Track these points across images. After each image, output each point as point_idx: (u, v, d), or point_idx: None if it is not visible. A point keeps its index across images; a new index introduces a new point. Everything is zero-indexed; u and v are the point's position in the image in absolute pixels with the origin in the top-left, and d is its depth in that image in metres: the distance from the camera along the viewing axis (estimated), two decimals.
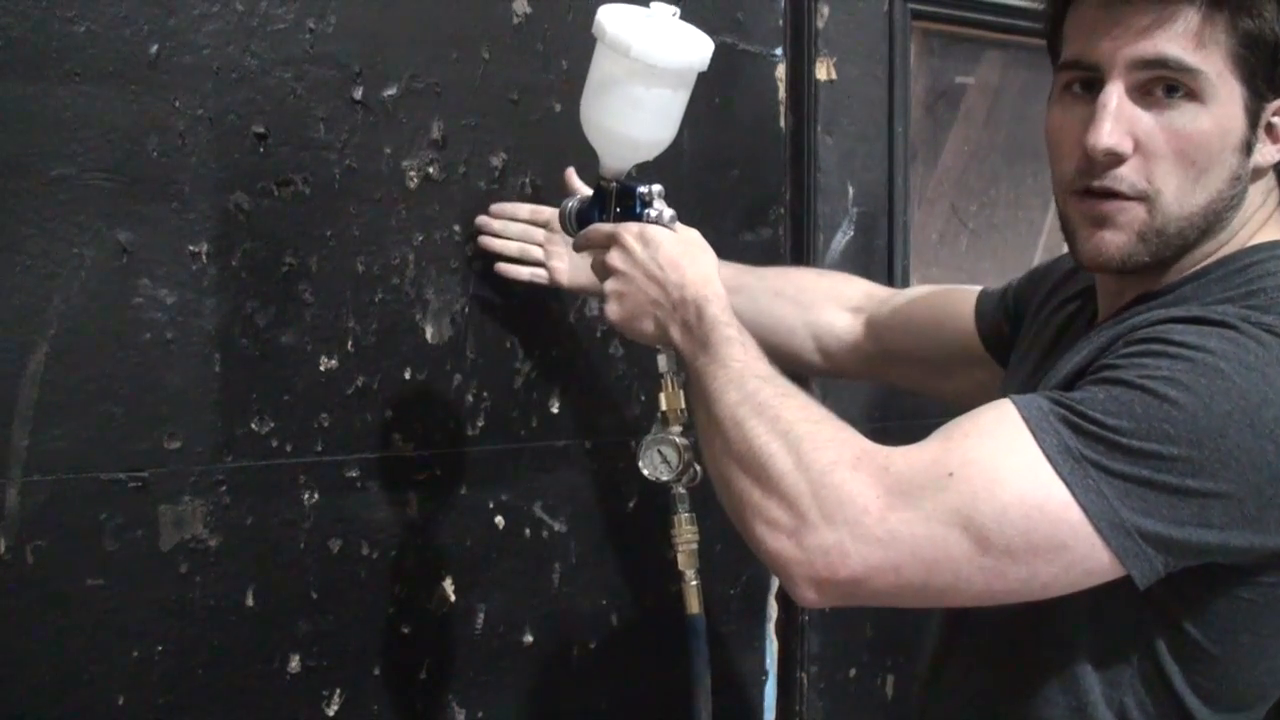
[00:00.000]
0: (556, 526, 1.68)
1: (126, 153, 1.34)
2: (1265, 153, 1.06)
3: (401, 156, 1.52)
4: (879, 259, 2.00)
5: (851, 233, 1.96)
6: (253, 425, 1.44)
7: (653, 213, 1.26)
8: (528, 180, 1.61)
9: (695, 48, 1.25)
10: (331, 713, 1.50)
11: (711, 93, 1.80)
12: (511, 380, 1.63)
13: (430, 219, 1.55)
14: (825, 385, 1.93)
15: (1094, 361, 1.03)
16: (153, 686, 1.38)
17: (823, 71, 1.90)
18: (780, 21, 1.88)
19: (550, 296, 1.63)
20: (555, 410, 1.67)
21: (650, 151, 1.30)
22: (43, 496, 1.31)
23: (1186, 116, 1.03)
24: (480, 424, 1.60)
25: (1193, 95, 1.02)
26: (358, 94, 1.48)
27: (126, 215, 1.34)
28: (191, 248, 1.39)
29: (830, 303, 1.56)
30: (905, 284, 2.02)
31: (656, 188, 1.27)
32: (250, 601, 1.44)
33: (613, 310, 1.24)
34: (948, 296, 1.48)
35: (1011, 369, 1.29)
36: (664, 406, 1.29)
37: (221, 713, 1.43)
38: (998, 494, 0.96)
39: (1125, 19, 1.03)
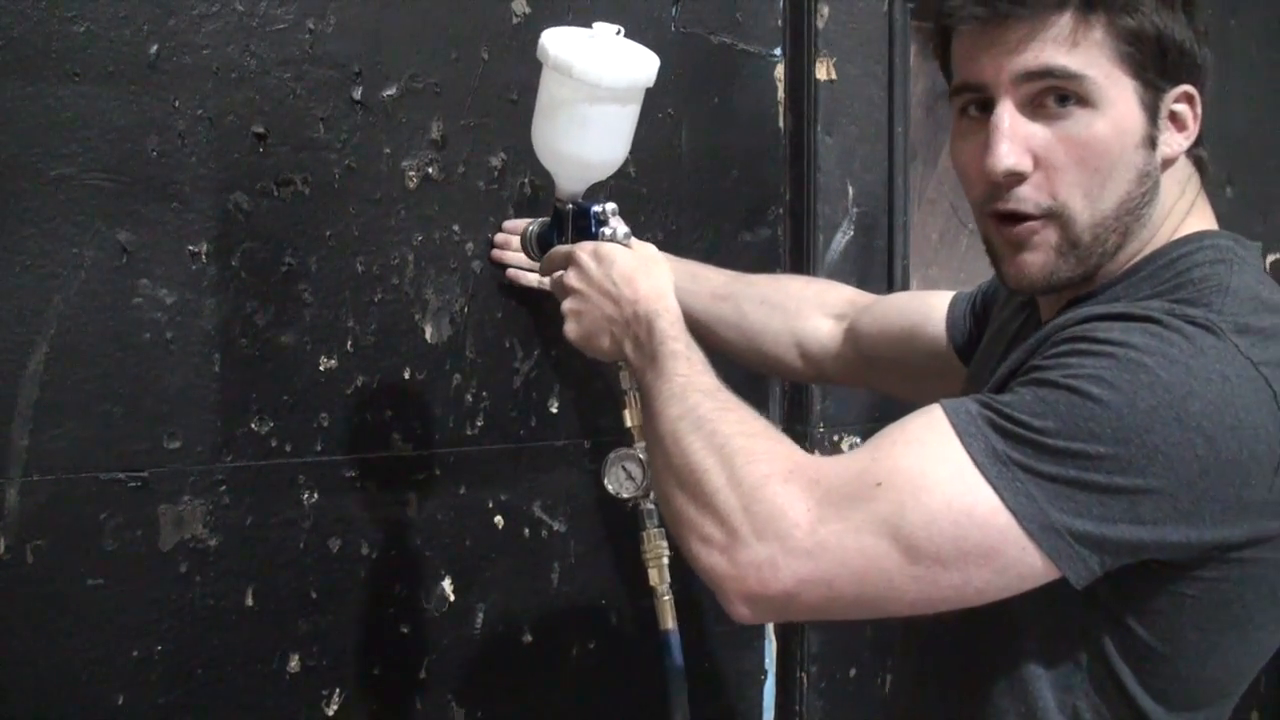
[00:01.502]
0: (556, 526, 1.68)
1: (126, 153, 1.34)
2: (1171, 142, 1.05)
3: (401, 156, 1.52)
4: (879, 259, 2.00)
5: (851, 233, 1.96)
6: (252, 425, 1.44)
7: (608, 230, 1.27)
8: (526, 180, 1.61)
9: (639, 65, 1.25)
10: (331, 712, 1.50)
11: (711, 93, 1.80)
12: (511, 380, 1.63)
13: (430, 219, 1.55)
14: (825, 386, 1.93)
15: (1025, 363, 1.02)
16: (153, 686, 1.38)
17: (823, 71, 1.90)
18: (779, 21, 1.88)
19: (549, 297, 1.63)
20: (555, 410, 1.67)
21: (603, 171, 1.30)
22: (43, 496, 1.31)
23: (1081, 124, 1.02)
24: (479, 424, 1.61)
25: (1084, 101, 1.02)
26: (357, 94, 1.48)
27: (126, 215, 1.34)
28: (191, 248, 1.39)
29: (815, 310, 1.56)
30: (905, 284, 2.02)
31: (610, 206, 1.28)
32: (250, 601, 1.44)
33: (571, 329, 1.25)
34: (922, 302, 1.47)
35: (971, 372, 1.28)
36: (628, 423, 1.30)
37: (221, 713, 1.43)
38: (925, 502, 0.95)
39: (1002, 35, 1.03)
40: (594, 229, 1.28)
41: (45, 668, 1.32)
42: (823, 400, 1.93)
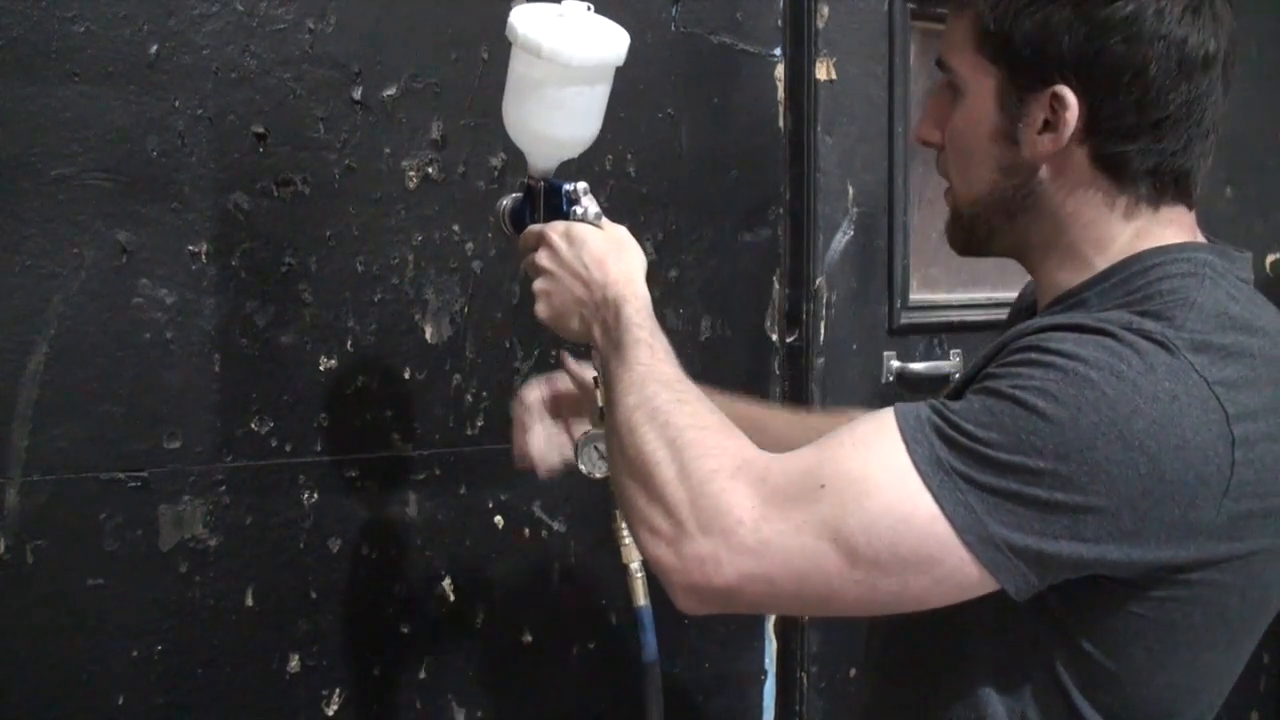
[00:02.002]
0: (555, 526, 1.68)
1: (126, 153, 1.34)
2: (1035, 142, 1.04)
3: (401, 156, 1.52)
4: (879, 259, 2.00)
5: (851, 233, 1.96)
6: (252, 425, 1.44)
7: (579, 210, 1.26)
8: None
9: (609, 43, 1.24)
10: (331, 712, 1.50)
11: (711, 93, 1.80)
12: (511, 380, 1.63)
13: (430, 219, 1.55)
14: (825, 386, 1.93)
15: (982, 369, 1.02)
16: (153, 686, 1.38)
17: (823, 71, 1.90)
18: (779, 21, 1.88)
19: None
20: None
21: (574, 149, 1.29)
22: (43, 496, 1.31)
23: (956, 110, 1.09)
24: (480, 424, 1.60)
25: (959, 92, 1.08)
26: (357, 94, 1.48)
27: (126, 215, 1.34)
28: (191, 248, 1.39)
29: None
30: (905, 284, 2.02)
31: (582, 185, 1.27)
32: (250, 601, 1.44)
33: (541, 309, 1.24)
34: None
35: None
36: (600, 403, 1.29)
37: (221, 713, 1.43)
38: (866, 506, 0.95)
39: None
40: (565, 207, 1.27)
41: (45, 668, 1.32)
42: (822, 400, 1.93)
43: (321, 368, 1.48)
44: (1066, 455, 0.92)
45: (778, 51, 1.88)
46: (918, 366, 2.05)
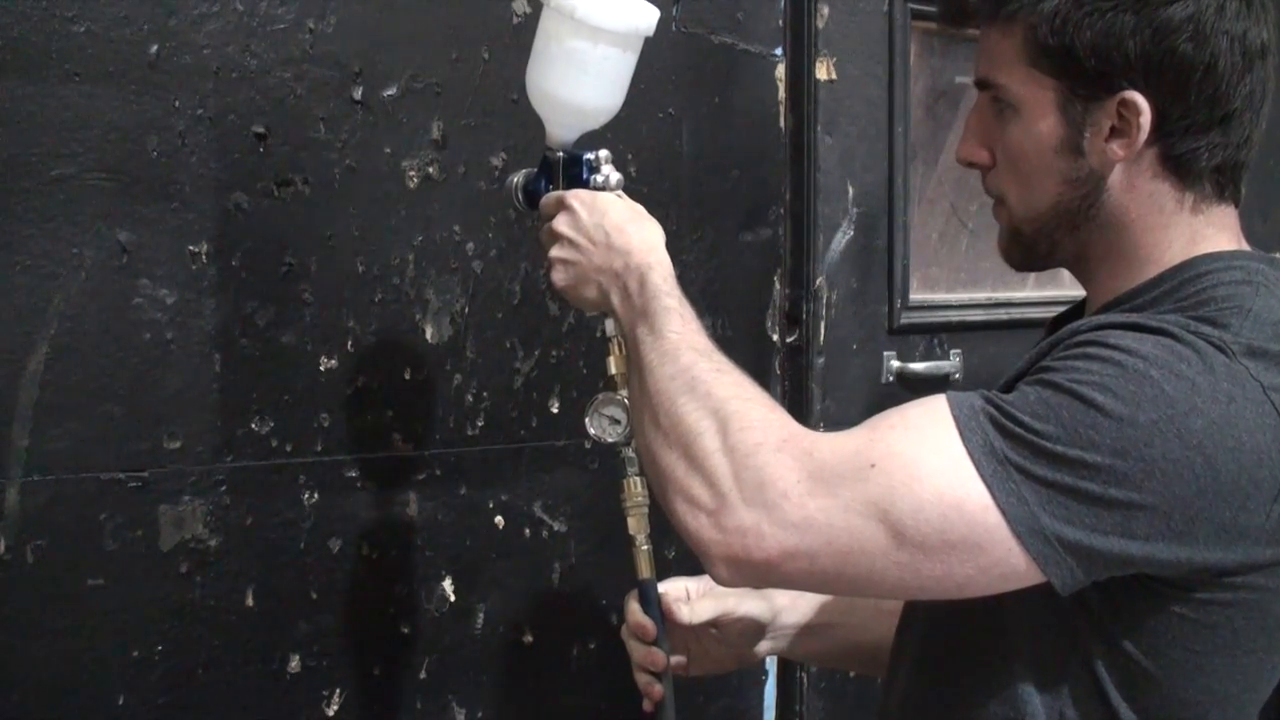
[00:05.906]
0: (556, 526, 1.68)
1: (126, 153, 1.34)
2: (1107, 150, 1.04)
3: (401, 156, 1.52)
4: (879, 259, 2.00)
5: (851, 233, 1.96)
6: (253, 425, 1.44)
7: (599, 178, 1.25)
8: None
9: (640, 12, 1.24)
10: (331, 713, 1.50)
11: (711, 93, 1.80)
12: (511, 380, 1.63)
13: (430, 219, 1.55)
14: (826, 386, 1.93)
15: (1036, 363, 1.02)
16: (153, 686, 1.38)
17: (823, 71, 1.90)
18: (780, 21, 1.88)
19: (550, 297, 1.63)
20: (555, 410, 1.67)
21: (597, 119, 1.29)
22: (43, 496, 1.31)
23: (1009, 127, 1.07)
24: (480, 424, 1.60)
25: (1012, 108, 1.07)
26: (358, 94, 1.48)
27: (126, 215, 1.34)
28: (191, 248, 1.39)
29: None
30: (905, 284, 2.02)
31: (604, 153, 1.27)
32: (250, 601, 1.44)
33: (558, 276, 1.23)
34: None
35: None
36: (612, 370, 1.28)
37: (221, 713, 1.43)
38: (916, 490, 0.95)
39: (978, 44, 1.10)
40: (585, 176, 1.26)
41: (45, 668, 1.32)
42: (823, 400, 1.93)
43: (322, 368, 1.48)
44: (1124, 451, 0.92)
45: (778, 51, 1.88)
46: (918, 366, 2.05)
